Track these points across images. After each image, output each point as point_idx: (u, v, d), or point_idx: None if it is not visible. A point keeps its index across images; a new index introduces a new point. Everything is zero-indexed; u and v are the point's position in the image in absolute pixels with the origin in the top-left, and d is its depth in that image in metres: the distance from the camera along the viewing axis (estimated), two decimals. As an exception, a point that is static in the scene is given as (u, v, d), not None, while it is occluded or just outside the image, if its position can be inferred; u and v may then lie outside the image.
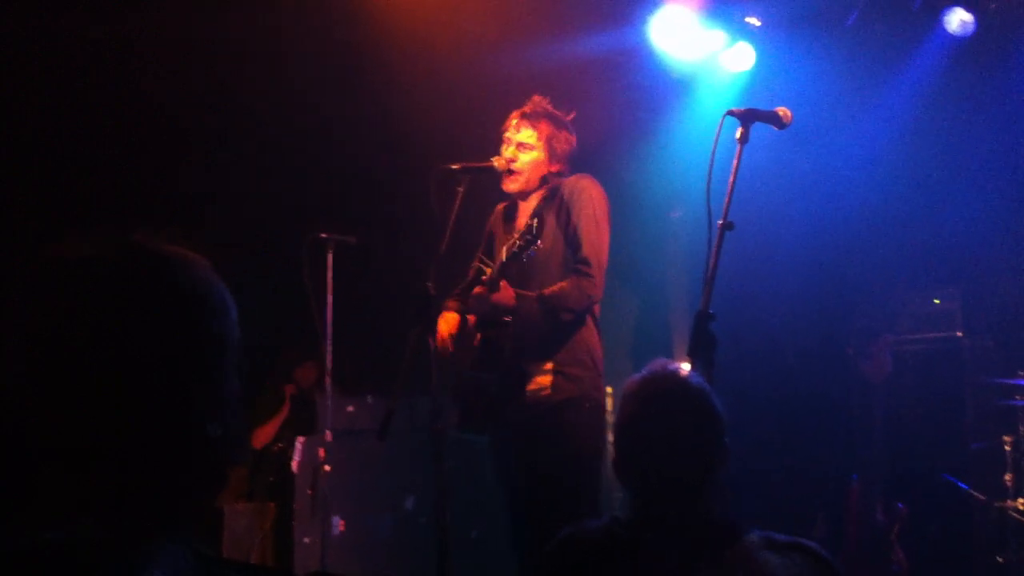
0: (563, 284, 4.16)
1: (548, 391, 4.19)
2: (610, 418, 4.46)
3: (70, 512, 1.21)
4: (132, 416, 1.22)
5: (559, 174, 4.39)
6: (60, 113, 5.71)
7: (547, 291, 4.14)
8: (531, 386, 4.22)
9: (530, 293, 4.13)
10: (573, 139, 4.43)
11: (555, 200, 4.34)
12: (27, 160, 5.63)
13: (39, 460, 1.23)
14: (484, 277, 4.22)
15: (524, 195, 4.42)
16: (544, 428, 4.16)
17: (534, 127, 4.35)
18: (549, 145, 4.35)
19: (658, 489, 2.42)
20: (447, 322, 4.43)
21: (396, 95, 6.29)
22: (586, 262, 4.19)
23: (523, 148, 4.35)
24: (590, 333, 4.28)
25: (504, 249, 4.01)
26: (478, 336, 4.32)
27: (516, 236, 3.93)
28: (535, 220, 3.86)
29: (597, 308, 4.32)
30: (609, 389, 4.77)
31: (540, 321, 4.13)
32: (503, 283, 4.08)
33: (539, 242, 3.89)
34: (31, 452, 1.22)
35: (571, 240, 4.24)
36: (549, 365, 4.21)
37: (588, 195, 4.29)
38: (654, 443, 2.44)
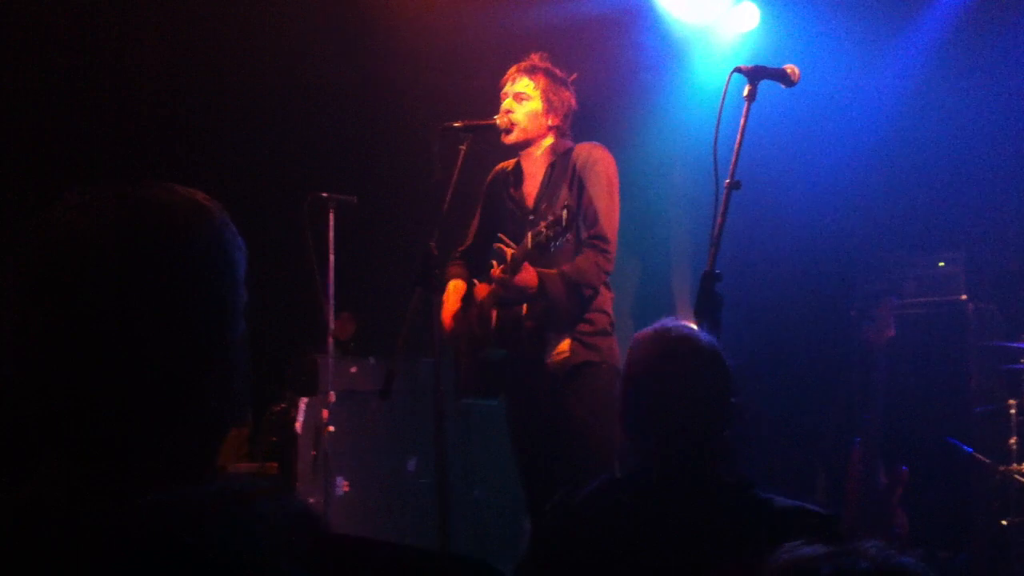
0: (581, 261, 4.15)
1: (567, 354, 4.19)
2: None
3: (65, 475, 1.19)
4: (130, 380, 1.19)
5: (558, 129, 4.35)
6: (54, 74, 5.67)
7: (567, 268, 4.12)
8: (551, 352, 4.21)
9: (551, 272, 4.10)
10: (572, 99, 4.38)
11: (567, 169, 4.29)
12: (20, 119, 5.60)
13: (32, 425, 1.21)
14: (507, 256, 4.17)
15: (523, 146, 4.38)
16: (563, 390, 4.16)
17: (531, 78, 4.31)
18: (546, 96, 4.30)
19: (664, 444, 2.42)
20: (456, 292, 4.41)
21: (397, 53, 6.25)
22: (603, 238, 4.17)
23: (520, 99, 4.31)
24: (604, 299, 4.28)
25: (530, 237, 3.94)
26: (494, 314, 4.29)
27: (544, 226, 3.85)
28: (565, 212, 3.78)
29: None
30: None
31: (565, 299, 4.12)
32: (525, 264, 4.03)
33: (569, 235, 3.86)
34: (25, 417, 1.20)
35: (585, 215, 4.21)
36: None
37: (603, 167, 4.27)
38: (663, 396, 2.44)
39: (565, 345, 4.19)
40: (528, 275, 4.03)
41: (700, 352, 2.47)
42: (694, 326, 2.71)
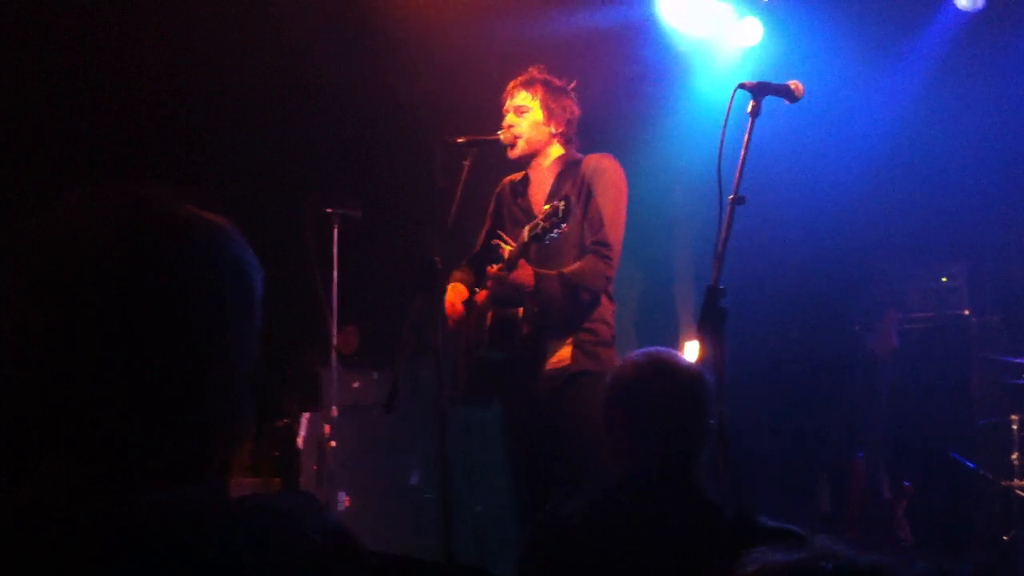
0: (582, 264, 4.15)
1: (567, 362, 4.18)
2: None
3: (65, 475, 1.18)
4: (129, 380, 1.18)
5: (563, 136, 4.37)
6: (54, 74, 5.67)
7: (567, 270, 4.12)
8: (550, 359, 4.20)
9: (550, 272, 4.09)
10: (574, 106, 4.40)
11: (575, 178, 4.30)
12: (20, 119, 5.59)
13: (32, 425, 1.20)
14: (504, 254, 4.17)
15: (529, 158, 4.39)
16: (560, 399, 4.15)
17: (528, 89, 4.34)
18: (545, 105, 4.32)
19: (642, 465, 2.47)
20: (456, 291, 4.41)
21: (401, 65, 6.26)
22: (606, 244, 4.18)
23: (520, 111, 4.33)
24: (606, 310, 4.28)
25: (527, 229, 3.95)
26: (490, 314, 4.29)
27: (541, 218, 3.86)
28: (562, 203, 3.79)
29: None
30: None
31: (561, 300, 4.10)
32: (521, 262, 4.04)
33: (565, 225, 3.85)
34: (25, 417, 1.20)
35: (591, 221, 4.22)
36: (569, 340, 4.20)
37: (612, 175, 4.28)
38: (643, 416, 2.53)
39: (566, 352, 4.18)
40: (524, 273, 4.01)
41: (678, 375, 2.56)
42: (696, 344, 2.76)
